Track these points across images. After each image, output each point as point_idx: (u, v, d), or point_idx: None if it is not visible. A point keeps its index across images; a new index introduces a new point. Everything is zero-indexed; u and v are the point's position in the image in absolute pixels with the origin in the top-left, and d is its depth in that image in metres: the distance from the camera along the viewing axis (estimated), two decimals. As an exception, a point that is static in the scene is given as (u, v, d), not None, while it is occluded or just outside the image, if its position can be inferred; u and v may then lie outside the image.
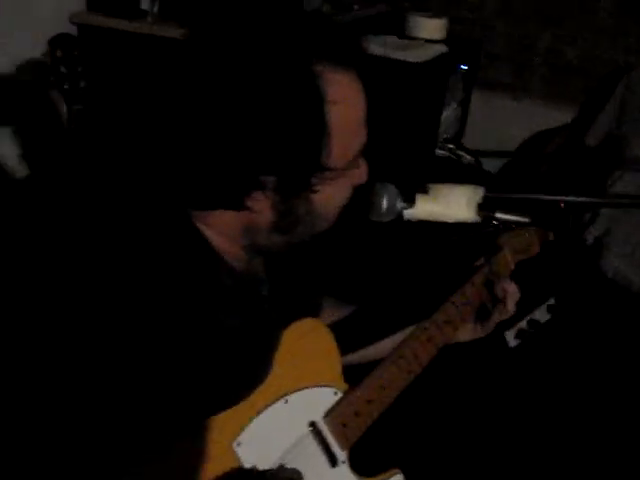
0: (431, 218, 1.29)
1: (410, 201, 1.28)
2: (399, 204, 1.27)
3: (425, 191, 1.29)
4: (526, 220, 1.33)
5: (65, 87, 2.04)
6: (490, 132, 4.28)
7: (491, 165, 4.33)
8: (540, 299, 1.52)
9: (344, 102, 1.04)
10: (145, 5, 2.60)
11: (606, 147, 3.91)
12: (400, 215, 1.28)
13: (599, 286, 3.39)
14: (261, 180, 1.03)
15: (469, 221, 1.29)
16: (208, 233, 1.10)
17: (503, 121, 4.32)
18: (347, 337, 1.45)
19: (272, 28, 1.03)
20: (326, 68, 1.02)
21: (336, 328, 1.44)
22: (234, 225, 1.10)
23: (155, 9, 2.61)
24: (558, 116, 4.26)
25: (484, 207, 1.28)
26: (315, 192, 1.07)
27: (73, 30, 2.69)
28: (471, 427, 2.41)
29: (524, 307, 1.48)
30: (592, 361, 2.80)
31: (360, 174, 1.16)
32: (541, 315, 1.51)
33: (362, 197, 1.25)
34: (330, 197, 1.10)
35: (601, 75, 4.16)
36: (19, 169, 2.46)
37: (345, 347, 1.40)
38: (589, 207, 1.26)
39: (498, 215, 1.30)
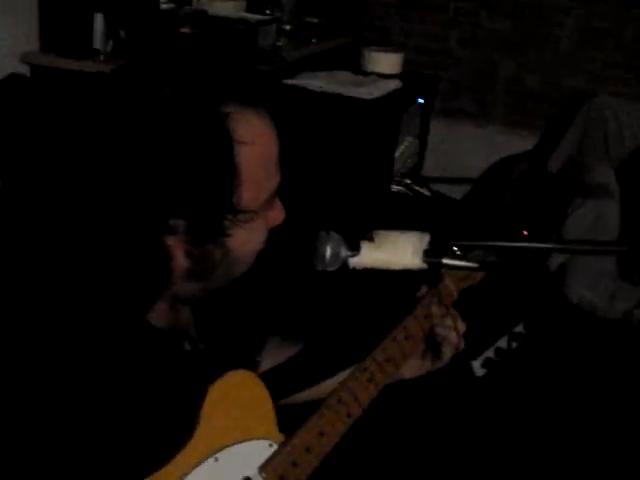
0: (377, 266, 1.27)
1: (355, 249, 1.25)
2: (344, 253, 1.25)
3: (370, 239, 1.27)
4: (474, 265, 1.31)
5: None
6: (453, 160, 4.31)
7: (454, 192, 4.36)
8: (505, 327, 1.50)
9: (254, 142, 1.03)
10: (98, 44, 2.58)
11: (567, 173, 3.95)
12: (345, 264, 1.26)
13: (564, 312, 3.41)
14: (171, 224, 1.01)
15: (415, 268, 1.27)
16: None
17: (466, 149, 4.35)
18: (292, 378, 1.44)
19: (180, 72, 1.01)
20: (234, 108, 1.00)
21: (281, 369, 1.43)
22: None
23: (108, 48, 2.60)
24: (520, 143, 4.30)
25: (430, 254, 1.26)
26: (228, 236, 1.05)
27: (26, 70, 2.67)
28: (437, 461, 2.39)
29: (489, 336, 1.47)
30: (561, 387, 2.80)
31: (275, 216, 1.14)
32: (507, 343, 1.49)
33: (307, 247, 1.24)
34: (246, 240, 1.08)
35: (563, 102, 4.20)
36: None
37: (290, 388, 1.41)
38: (545, 252, 1.25)
39: (445, 261, 1.28)
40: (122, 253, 1.04)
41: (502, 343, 1.48)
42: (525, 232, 1.60)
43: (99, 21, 2.61)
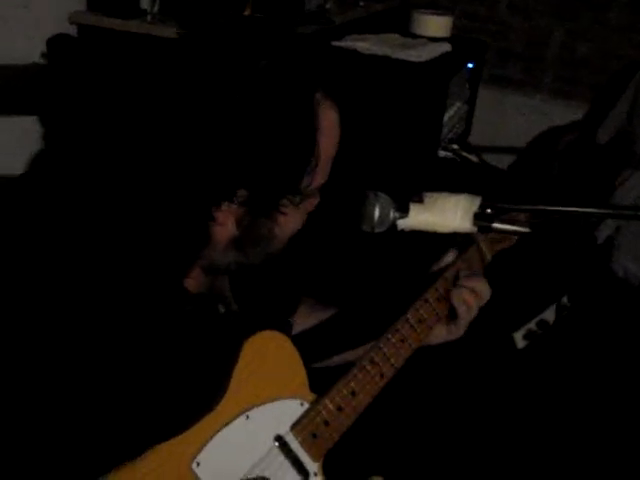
0: (426, 228, 1.25)
1: (404, 211, 1.23)
2: (392, 214, 1.23)
3: (420, 200, 1.25)
4: (526, 230, 1.28)
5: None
6: (500, 128, 4.25)
7: (501, 162, 4.31)
8: (549, 299, 1.47)
9: (329, 134, 1.06)
10: (145, 4, 2.57)
11: (617, 144, 3.87)
12: (393, 225, 1.24)
13: (610, 285, 3.36)
14: (235, 192, 1.02)
15: (465, 231, 1.25)
16: None
17: (513, 117, 4.28)
18: (324, 342, 1.44)
19: (279, 48, 1.03)
20: (322, 98, 1.04)
21: (313, 332, 1.44)
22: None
23: (155, 8, 2.58)
24: (569, 113, 4.22)
25: (481, 217, 1.24)
26: (283, 213, 1.06)
27: (73, 30, 2.67)
28: (476, 431, 2.39)
29: (533, 307, 1.44)
30: (602, 363, 2.77)
31: (315, 201, 1.15)
32: (550, 315, 1.46)
33: (353, 206, 1.22)
34: (290, 221, 1.10)
35: (613, 71, 4.11)
36: (16, 166, 2.45)
37: (322, 352, 1.41)
38: (594, 219, 1.22)
39: (495, 225, 1.25)
40: (174, 214, 1.05)
41: (546, 315, 1.46)
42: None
43: (146, -19, 2.60)
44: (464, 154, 2.51)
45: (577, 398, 2.59)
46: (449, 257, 1.37)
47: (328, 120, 1.05)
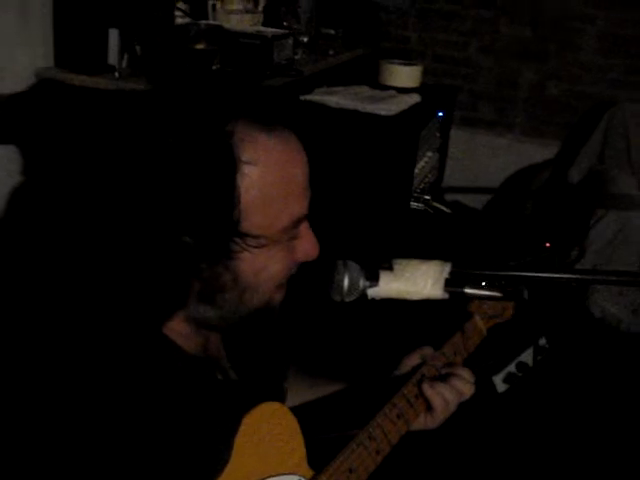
0: (397, 296, 1.23)
1: (374, 279, 1.21)
2: (362, 283, 1.21)
3: (389, 267, 1.23)
4: (497, 295, 1.26)
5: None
6: (473, 169, 4.28)
7: (475, 202, 4.33)
8: (528, 341, 1.46)
9: (266, 164, 0.98)
10: (112, 60, 2.56)
11: (589, 183, 3.90)
12: (364, 294, 1.22)
13: (588, 326, 3.37)
14: (182, 242, 0.98)
15: (436, 298, 1.23)
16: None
17: (486, 158, 4.31)
18: (325, 418, 1.41)
19: (190, 90, 1.01)
20: (243, 128, 0.97)
21: (310, 407, 1.41)
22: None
23: (123, 64, 2.57)
24: (541, 152, 4.26)
25: (452, 283, 1.22)
26: (235, 259, 1.01)
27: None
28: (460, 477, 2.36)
29: (512, 350, 1.43)
30: (584, 402, 2.76)
31: (306, 249, 1.09)
32: (529, 358, 1.45)
33: (323, 276, 1.20)
34: (261, 267, 1.04)
35: (583, 110, 4.16)
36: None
37: (322, 428, 1.36)
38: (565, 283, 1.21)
39: (467, 291, 1.23)
40: (138, 268, 1.02)
41: (525, 357, 1.44)
42: (547, 244, 1.57)
43: (114, 36, 2.58)
44: (436, 205, 2.52)
45: (561, 439, 2.58)
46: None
47: (262, 148, 0.98)
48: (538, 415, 2.66)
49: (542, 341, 1.47)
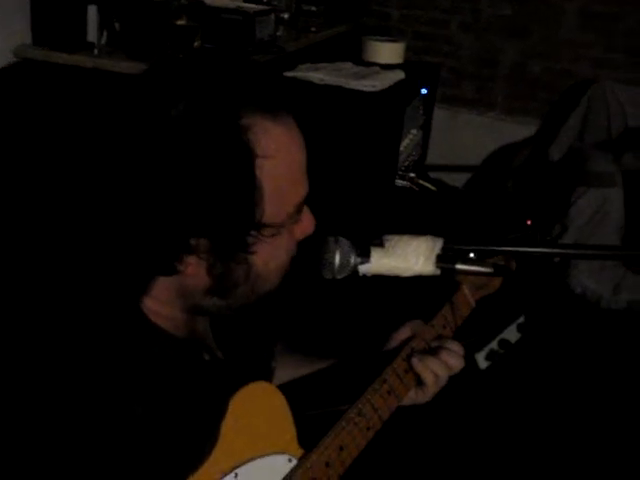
0: (388, 273, 1.22)
1: (365, 255, 1.20)
2: (353, 259, 1.20)
3: (380, 244, 1.22)
4: (489, 270, 1.26)
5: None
6: (454, 148, 4.27)
7: (456, 180, 4.33)
8: (509, 318, 1.46)
9: (277, 155, 0.97)
10: (91, 37, 2.52)
11: (569, 160, 3.91)
12: (355, 271, 1.21)
13: (569, 302, 3.38)
14: (192, 243, 0.96)
15: (428, 274, 1.22)
16: (147, 301, 1.03)
17: (467, 136, 4.31)
18: (314, 394, 1.40)
19: (195, 83, 0.96)
20: (255, 120, 0.95)
21: (299, 384, 1.40)
22: (169, 290, 1.03)
23: (103, 41, 2.54)
24: (522, 130, 4.27)
25: (443, 259, 1.21)
26: (252, 253, 1.00)
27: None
28: (444, 455, 2.37)
29: (494, 327, 1.43)
30: (565, 379, 2.78)
31: (304, 227, 1.08)
32: (511, 335, 1.45)
33: (313, 253, 1.18)
34: (270, 256, 1.03)
35: (564, 88, 4.16)
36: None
37: (310, 404, 1.36)
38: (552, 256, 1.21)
39: (458, 267, 1.22)
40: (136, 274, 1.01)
41: (507, 334, 1.44)
42: (529, 221, 1.57)
43: (92, 13, 2.55)
44: (421, 182, 2.51)
45: (542, 416, 2.59)
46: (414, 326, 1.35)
47: (272, 138, 0.96)
48: (520, 392, 2.67)
49: (522, 319, 1.47)
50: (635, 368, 2.86)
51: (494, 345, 1.41)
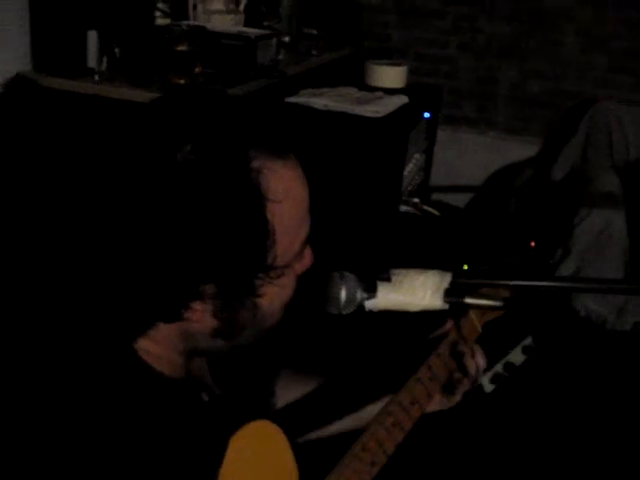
0: (395, 308, 1.19)
1: (371, 290, 1.18)
2: (359, 295, 1.17)
3: (387, 278, 1.19)
4: (498, 304, 1.24)
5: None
6: (456, 168, 4.26)
7: (459, 200, 4.31)
8: (514, 341, 1.44)
9: (287, 198, 0.95)
10: (91, 63, 2.51)
11: (572, 181, 3.89)
12: (361, 306, 1.18)
13: (573, 325, 3.36)
14: (200, 290, 0.94)
15: (436, 309, 1.20)
16: (141, 341, 1.00)
17: (468, 156, 4.30)
18: (311, 415, 1.37)
19: (203, 125, 0.93)
20: (265, 162, 0.93)
21: (298, 405, 1.37)
22: (170, 332, 1.00)
23: (103, 67, 2.52)
24: (524, 149, 4.25)
25: (452, 293, 1.19)
26: (260, 296, 0.98)
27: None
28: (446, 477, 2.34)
29: (498, 350, 1.41)
30: (571, 401, 2.75)
31: (305, 262, 1.07)
32: (516, 357, 1.43)
33: (318, 288, 1.16)
34: (276, 295, 1.01)
35: (565, 108, 4.15)
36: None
37: (309, 425, 1.35)
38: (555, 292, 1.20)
39: (467, 301, 1.21)
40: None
41: (511, 357, 1.42)
42: (532, 243, 1.55)
43: (93, 38, 2.54)
44: (425, 208, 2.49)
45: (548, 438, 2.57)
46: (447, 326, 1.34)
47: (282, 181, 0.94)
48: (526, 415, 2.65)
49: (528, 341, 1.45)
50: (640, 389, 2.84)
51: (499, 368, 1.38)
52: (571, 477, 2.43)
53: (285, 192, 0.95)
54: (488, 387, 1.37)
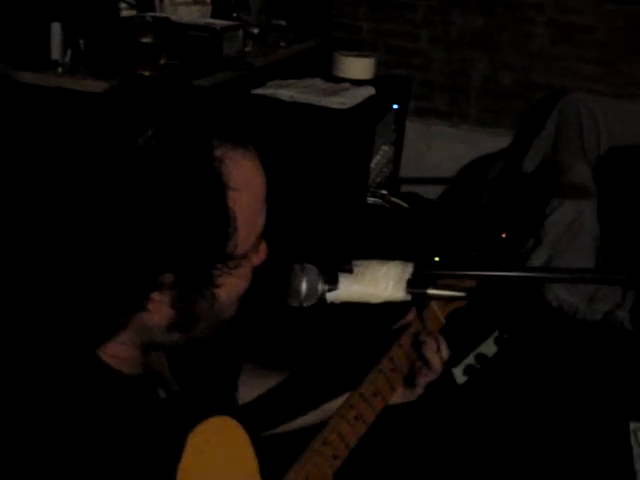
0: (357, 300, 1.18)
1: (333, 282, 1.16)
2: (321, 287, 1.16)
3: (349, 270, 1.18)
4: (461, 294, 1.23)
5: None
6: (427, 160, 4.26)
7: (430, 193, 4.31)
8: (485, 332, 1.43)
9: (247, 187, 0.95)
10: (55, 55, 2.47)
11: (543, 172, 3.91)
12: (322, 299, 1.17)
13: (545, 315, 3.38)
14: (159, 280, 0.92)
15: (398, 300, 1.19)
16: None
17: (440, 148, 4.30)
18: (274, 410, 1.37)
19: (166, 110, 0.92)
20: (227, 152, 0.92)
21: (262, 401, 1.36)
22: (127, 329, 0.98)
23: (67, 59, 2.48)
24: (495, 141, 4.26)
25: (414, 284, 1.18)
26: (218, 286, 0.97)
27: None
28: (422, 470, 2.34)
29: (470, 342, 1.40)
30: (543, 391, 2.76)
31: (260, 254, 1.06)
32: (488, 349, 1.42)
33: (279, 281, 1.15)
34: (233, 286, 1.00)
35: (536, 100, 4.16)
36: None
37: (271, 421, 1.34)
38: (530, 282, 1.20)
39: (430, 292, 1.20)
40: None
41: (483, 349, 1.42)
42: (504, 234, 1.55)
43: (56, 30, 2.50)
44: (393, 199, 2.48)
45: (519, 429, 2.57)
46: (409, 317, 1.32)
47: (241, 171, 0.94)
48: (498, 406, 2.65)
49: (500, 332, 1.45)
50: (612, 379, 2.85)
51: (471, 360, 1.39)
52: (545, 467, 2.43)
53: (245, 182, 0.94)
54: (460, 379, 1.37)
